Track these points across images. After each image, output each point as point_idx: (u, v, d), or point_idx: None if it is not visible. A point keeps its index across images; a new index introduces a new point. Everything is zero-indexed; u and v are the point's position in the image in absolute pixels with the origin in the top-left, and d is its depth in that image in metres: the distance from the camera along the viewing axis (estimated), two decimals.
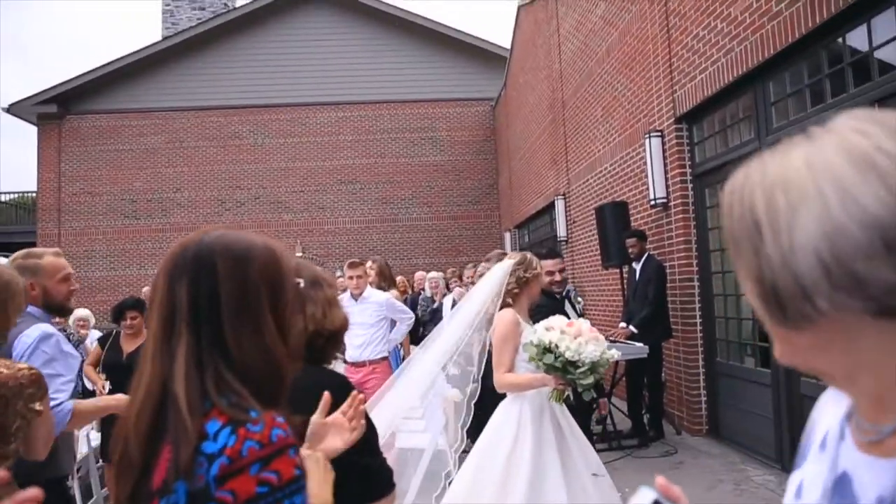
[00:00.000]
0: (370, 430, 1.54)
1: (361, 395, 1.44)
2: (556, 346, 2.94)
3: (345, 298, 5.37)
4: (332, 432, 1.34)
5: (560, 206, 10.67)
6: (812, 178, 0.56)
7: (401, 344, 6.60)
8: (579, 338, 2.97)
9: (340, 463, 1.36)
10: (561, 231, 10.62)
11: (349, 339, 5.27)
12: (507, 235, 15.49)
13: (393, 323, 5.39)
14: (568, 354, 2.91)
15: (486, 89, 16.99)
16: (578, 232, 9.92)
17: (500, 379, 3.25)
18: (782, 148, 0.61)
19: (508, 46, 15.07)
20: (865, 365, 0.58)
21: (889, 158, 0.53)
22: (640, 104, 7.36)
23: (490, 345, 3.40)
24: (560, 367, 2.94)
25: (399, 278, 9.08)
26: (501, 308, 3.36)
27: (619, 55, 7.99)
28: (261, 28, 17.07)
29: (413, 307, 7.85)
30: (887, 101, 3.81)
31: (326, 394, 1.34)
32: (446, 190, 17.17)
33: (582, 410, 3.90)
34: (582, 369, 2.92)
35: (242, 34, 17.01)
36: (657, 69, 6.83)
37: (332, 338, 1.64)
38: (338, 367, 7.08)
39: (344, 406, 1.39)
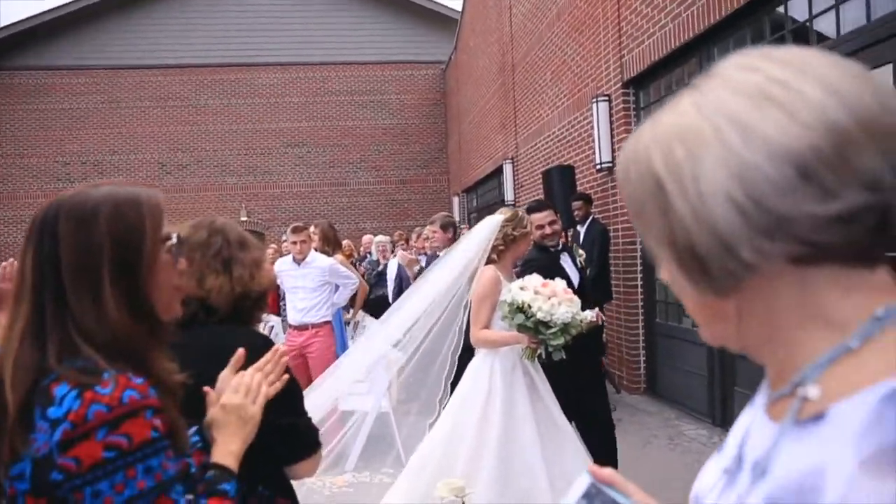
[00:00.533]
0: (293, 390, 1.51)
1: (283, 349, 1.41)
2: (529, 307, 2.94)
3: (287, 262, 5.26)
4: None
5: (508, 170, 10.67)
6: (707, 121, 0.52)
7: (349, 308, 6.54)
8: (553, 298, 2.97)
9: (261, 422, 1.33)
10: (509, 195, 10.65)
11: (292, 302, 5.23)
12: (456, 199, 15.47)
13: (337, 287, 5.32)
14: (540, 315, 2.91)
15: (437, 52, 16.73)
16: (526, 196, 9.95)
17: (475, 335, 3.26)
18: (670, 104, 0.57)
19: (460, 9, 14.83)
20: (780, 328, 0.55)
21: (783, 87, 0.50)
22: (589, 68, 7.35)
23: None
24: (531, 327, 2.95)
25: (345, 242, 8.96)
26: (486, 264, 3.35)
27: (570, 19, 7.94)
28: None
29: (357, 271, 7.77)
30: None
31: (240, 350, 1.30)
32: (395, 154, 16.96)
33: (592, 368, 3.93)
34: (553, 330, 2.94)
35: None
36: (606, 33, 6.81)
37: (259, 299, 1.61)
38: (278, 335, 6.97)
39: (261, 361, 1.36)
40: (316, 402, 3.34)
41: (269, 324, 7.44)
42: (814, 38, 4.09)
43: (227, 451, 1.19)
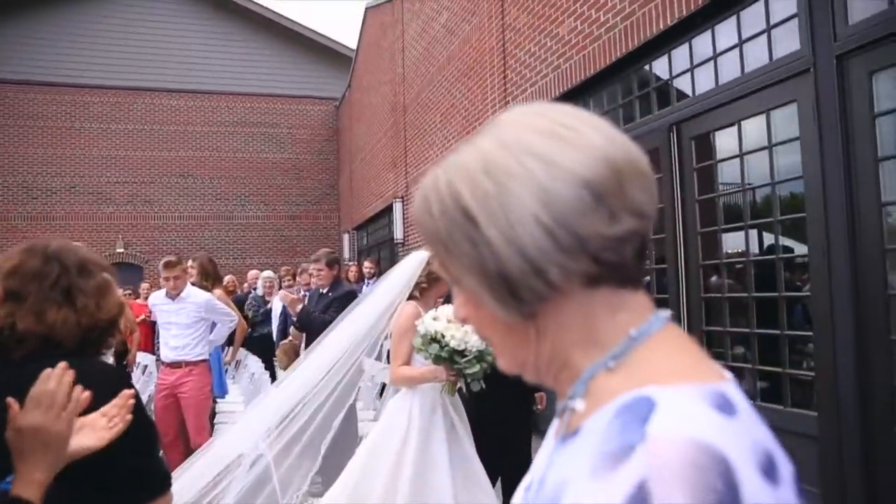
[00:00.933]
0: (146, 430, 1.42)
1: (131, 392, 1.30)
2: (442, 336, 2.91)
3: (160, 296, 4.99)
4: (84, 430, 1.19)
5: (398, 208, 10.76)
6: (512, 155, 0.57)
7: (226, 347, 6.27)
8: (465, 326, 2.90)
9: (108, 463, 1.26)
10: (398, 234, 10.72)
11: (165, 339, 4.94)
12: (346, 237, 15.36)
13: (215, 324, 5.09)
14: (453, 343, 2.88)
15: (331, 88, 16.75)
16: (415, 235, 10.05)
17: (394, 372, 3.20)
18: (463, 146, 0.62)
19: (354, 47, 14.97)
20: (564, 349, 0.60)
21: (568, 129, 0.58)
22: (476, 112, 7.61)
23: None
24: (447, 357, 2.91)
25: (228, 277, 8.64)
26: (408, 300, 3.30)
27: (459, 64, 8.22)
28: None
29: (241, 307, 7.50)
30: (682, 125, 4.25)
31: (86, 393, 1.20)
32: (285, 188, 16.66)
33: (527, 403, 3.90)
34: (468, 358, 2.91)
35: (63, 2, 15.32)
36: (493, 80, 7.10)
37: (108, 328, 1.48)
38: (152, 374, 6.56)
39: (108, 406, 1.26)
40: (201, 471, 3.18)
41: (141, 363, 7.00)
42: (674, 96, 4.46)
43: (29, 479, 1.05)
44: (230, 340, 6.07)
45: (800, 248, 3.62)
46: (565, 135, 0.58)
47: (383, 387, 4.82)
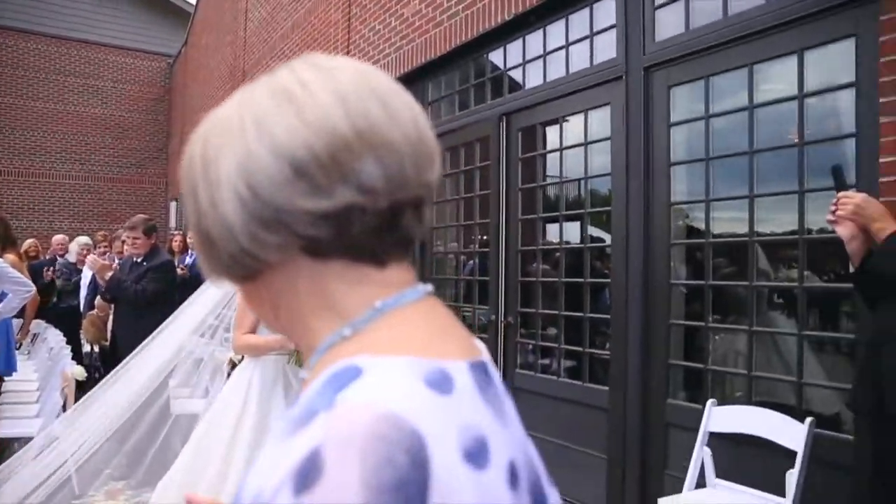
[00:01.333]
0: None
1: None
2: None
3: None
4: None
5: None
6: (239, 114, 0.55)
7: (16, 317, 5.62)
8: None
9: None
10: None
11: None
12: (173, 205, 14.40)
13: (4, 294, 4.52)
14: None
15: (165, 44, 15.52)
16: None
17: (237, 340, 2.98)
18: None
19: (194, 2, 13.97)
20: (301, 316, 0.59)
21: (304, 87, 0.54)
22: None
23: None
24: None
25: (29, 241, 7.76)
26: None
27: (303, 34, 7.98)
28: None
29: (39, 274, 6.76)
30: (511, 116, 4.46)
31: None
32: (105, 147, 15.21)
33: None
34: None
35: None
36: (336, 54, 6.96)
37: None
38: None
39: None
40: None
41: None
42: (506, 86, 4.67)
43: None
44: (22, 312, 5.45)
45: (609, 239, 3.97)
46: (295, 95, 0.54)
47: (200, 362, 4.59)
